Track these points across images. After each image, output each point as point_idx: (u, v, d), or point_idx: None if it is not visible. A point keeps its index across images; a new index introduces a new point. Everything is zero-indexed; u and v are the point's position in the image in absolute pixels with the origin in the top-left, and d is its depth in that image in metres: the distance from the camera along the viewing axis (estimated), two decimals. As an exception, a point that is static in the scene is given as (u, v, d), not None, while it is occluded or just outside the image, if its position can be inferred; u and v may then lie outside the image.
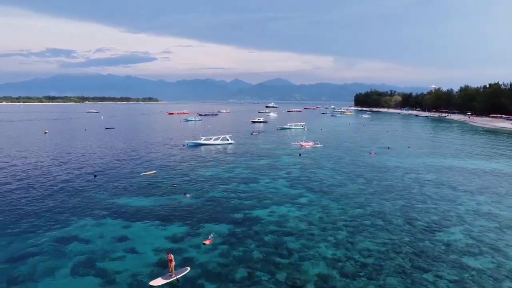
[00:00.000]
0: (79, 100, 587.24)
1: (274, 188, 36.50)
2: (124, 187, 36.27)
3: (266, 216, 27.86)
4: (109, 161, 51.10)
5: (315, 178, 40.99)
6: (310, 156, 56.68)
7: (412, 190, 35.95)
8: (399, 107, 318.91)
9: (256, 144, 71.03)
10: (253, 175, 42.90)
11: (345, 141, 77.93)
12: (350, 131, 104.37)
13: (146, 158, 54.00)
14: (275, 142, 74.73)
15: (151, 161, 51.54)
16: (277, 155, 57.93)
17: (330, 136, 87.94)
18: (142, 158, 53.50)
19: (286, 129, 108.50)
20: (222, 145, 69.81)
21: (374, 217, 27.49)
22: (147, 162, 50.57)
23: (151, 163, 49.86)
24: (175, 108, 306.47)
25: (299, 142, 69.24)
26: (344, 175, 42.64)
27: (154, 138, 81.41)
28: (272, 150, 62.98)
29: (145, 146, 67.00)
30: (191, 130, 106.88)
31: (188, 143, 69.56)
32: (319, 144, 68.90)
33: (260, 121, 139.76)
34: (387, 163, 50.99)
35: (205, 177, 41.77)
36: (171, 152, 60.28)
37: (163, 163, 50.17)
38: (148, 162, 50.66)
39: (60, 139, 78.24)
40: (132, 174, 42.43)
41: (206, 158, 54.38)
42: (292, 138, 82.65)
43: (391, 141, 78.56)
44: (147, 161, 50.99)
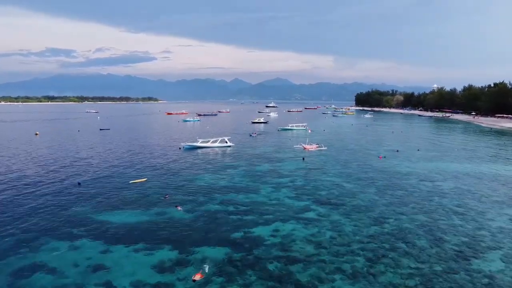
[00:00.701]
0: (79, 100, 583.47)
1: (277, 200, 32.69)
2: (109, 199, 32.45)
3: (269, 236, 24.09)
4: (98, 166, 47.27)
5: (321, 187, 37.18)
6: (314, 161, 52.87)
7: (431, 201, 32.12)
8: (401, 107, 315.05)
9: (257, 147, 67.23)
10: (254, 183, 39.11)
11: (350, 143, 74.12)
12: (354, 132, 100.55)
13: (139, 162, 50.20)
14: (277, 145, 70.94)
15: (144, 166, 47.75)
16: (279, 159, 54.14)
17: (333, 138, 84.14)
18: (134, 163, 49.69)
19: (288, 130, 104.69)
20: (220, 148, 66.01)
21: (393, 238, 23.69)
22: (139, 167, 46.77)
23: (143, 168, 46.07)
24: (175, 108, 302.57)
25: (302, 145, 65.45)
26: (353, 183, 38.83)
27: (149, 140, 77.63)
28: (273, 154, 59.20)
29: (139, 149, 63.23)
30: (189, 131, 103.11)
31: (185, 146, 65.76)
32: (323, 147, 65.11)
33: (260, 121, 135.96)
34: (398, 168, 47.18)
35: (201, 185, 37.98)
36: (166, 156, 56.50)
37: (156, 168, 46.36)
38: (140, 167, 46.87)
39: (50, 141, 74.42)
40: (120, 182, 38.63)
41: (202, 163, 50.57)
42: (294, 140, 78.80)
43: (398, 143, 74.78)
44: (139, 166, 47.19)
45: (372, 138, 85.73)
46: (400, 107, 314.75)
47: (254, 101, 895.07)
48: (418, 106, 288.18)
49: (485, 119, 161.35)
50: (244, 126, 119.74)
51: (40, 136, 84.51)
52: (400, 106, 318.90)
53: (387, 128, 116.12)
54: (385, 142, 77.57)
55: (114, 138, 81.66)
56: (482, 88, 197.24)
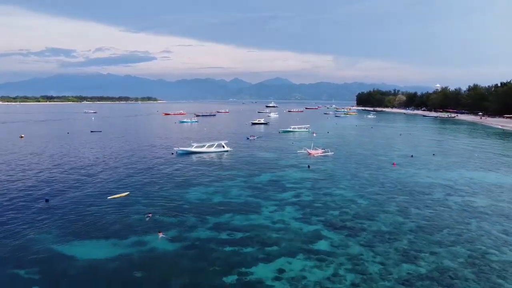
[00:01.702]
0: (77, 100, 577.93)
1: (281, 222, 27.10)
2: (78, 221, 26.86)
3: (272, 280, 18.53)
4: (76, 176, 41.66)
5: (333, 204, 31.59)
6: (321, 169, 47.27)
7: (469, 225, 26.52)
8: (403, 107, 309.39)
9: (256, 152, 61.64)
10: (253, 198, 33.53)
11: (357, 147, 68.52)
12: (360, 135, 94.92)
13: (124, 171, 44.60)
14: (278, 149, 65.34)
15: (129, 175, 42.16)
16: (281, 167, 48.54)
17: (339, 141, 78.52)
18: (118, 172, 44.09)
19: (289, 132, 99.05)
20: (217, 153, 60.46)
21: (436, 284, 18.10)
22: (124, 177, 41.18)
23: (127, 178, 40.48)
24: (174, 107, 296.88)
25: (307, 150, 59.87)
26: (368, 198, 33.24)
27: (141, 144, 72.04)
28: (275, 160, 53.61)
29: (128, 155, 57.66)
30: (186, 133, 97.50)
31: (178, 151, 60.17)
32: (330, 152, 59.54)
33: (260, 122, 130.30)
34: (416, 179, 41.61)
35: (192, 201, 32.40)
36: (156, 163, 50.92)
37: (142, 178, 40.78)
38: (125, 176, 41.28)
39: (33, 145, 68.80)
40: (97, 197, 33.05)
41: (195, 172, 44.98)
42: (297, 143, 73.25)
43: (409, 147, 69.24)
44: (123, 176, 41.60)
45: (380, 141, 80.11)
46: (402, 107, 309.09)
47: (253, 101, 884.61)
48: (421, 106, 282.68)
49: (493, 120, 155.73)
50: (243, 128, 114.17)
51: (25, 139, 78.95)
52: (402, 106, 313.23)
53: (394, 130, 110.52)
54: (394, 145, 71.97)
55: (104, 141, 76.06)
56: (488, 88, 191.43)
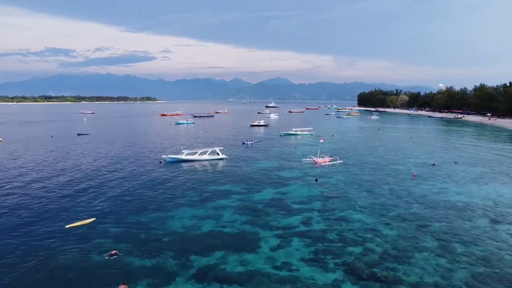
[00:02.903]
0: (75, 100, 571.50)
1: (287, 268, 20.24)
2: (11, 267, 19.96)
3: None
4: (37, 194, 34.73)
5: (351, 236, 24.75)
6: (330, 182, 40.41)
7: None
8: (406, 107, 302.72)
9: (256, 161, 54.75)
10: (250, 226, 26.70)
11: (367, 154, 61.66)
12: (367, 138, 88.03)
13: (97, 186, 37.71)
14: (280, 156, 58.45)
15: (102, 192, 35.28)
16: (284, 180, 41.68)
17: (346, 146, 71.64)
18: (90, 187, 37.20)
19: (291, 135, 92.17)
20: (211, 161, 53.61)
21: None
22: (95, 194, 34.29)
23: (99, 196, 33.60)
24: (172, 108, 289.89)
25: (313, 158, 53.05)
26: (396, 228, 26.37)
27: (128, 149, 65.17)
28: (277, 171, 46.72)
29: (109, 163, 50.79)
30: (180, 136, 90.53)
31: (166, 159, 53.26)
32: (338, 160, 52.69)
33: (260, 124, 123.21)
34: (446, 196, 34.76)
35: (173, 231, 25.59)
36: (139, 174, 44.06)
37: (117, 196, 33.91)
38: (97, 194, 34.40)
39: (8, 151, 61.88)
40: (51, 225, 26.22)
41: (183, 187, 38.09)
42: (301, 149, 66.44)
43: (425, 153, 62.45)
44: (95, 193, 34.72)
45: (391, 145, 73.25)
46: (405, 108, 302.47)
47: (252, 101, 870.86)
48: (424, 106, 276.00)
49: (504, 121, 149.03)
50: (242, 130, 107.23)
51: (2, 143, 72.03)
52: (405, 106, 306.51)
53: (402, 133, 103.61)
54: (408, 151, 65.11)
55: (88, 146, 69.17)
56: (497, 88, 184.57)
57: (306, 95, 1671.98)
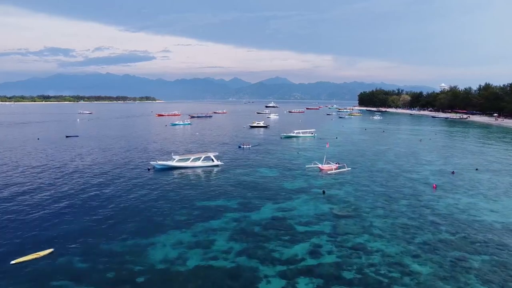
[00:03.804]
0: (74, 100, 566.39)
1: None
2: None
3: None
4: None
5: (373, 275, 19.59)
6: (340, 196, 35.25)
7: None
8: (408, 107, 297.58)
9: (255, 168, 49.58)
10: (247, 258, 21.55)
11: (376, 159, 56.53)
12: (373, 141, 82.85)
13: (70, 200, 32.53)
14: (281, 163, 53.28)
15: (73, 209, 30.14)
16: (287, 192, 36.53)
17: (352, 150, 66.50)
18: (60, 202, 31.99)
19: (292, 137, 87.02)
20: (204, 168, 48.48)
21: None
22: (62, 213, 29.14)
23: (65, 218, 28.42)
24: (171, 107, 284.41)
25: (318, 165, 47.94)
26: (427, 261, 21.21)
27: (116, 154, 60.03)
28: (278, 181, 41.56)
29: (91, 171, 45.61)
30: (174, 138, 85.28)
31: (155, 165, 48.11)
32: (346, 168, 47.53)
33: (259, 125, 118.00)
34: (478, 215, 29.63)
35: (150, 267, 20.42)
36: (122, 185, 38.91)
37: (88, 215, 28.75)
38: (64, 213, 29.24)
39: (-16, 156, 56.72)
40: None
41: (170, 202, 32.91)
42: (304, 154, 61.32)
43: (439, 157, 57.35)
44: (63, 212, 29.56)
45: (401, 149, 68.10)
46: (407, 107, 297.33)
47: (250, 101, 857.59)
48: (427, 106, 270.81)
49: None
50: (240, 132, 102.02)
51: (-18, 147, 66.86)
52: (407, 106, 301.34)
53: (409, 134, 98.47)
54: (420, 156, 59.97)
55: (74, 150, 63.99)
56: (503, 87, 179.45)
57: (305, 94, 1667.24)
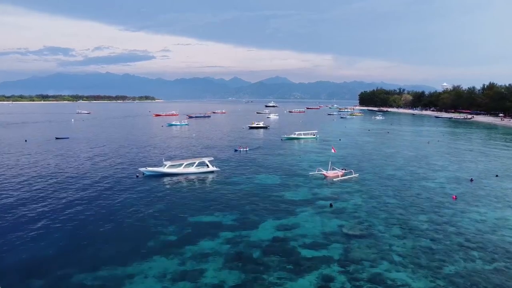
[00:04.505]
0: (73, 99, 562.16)
1: None
2: None
3: None
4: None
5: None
6: (349, 209, 31.16)
7: None
8: (410, 106, 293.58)
9: (253, 174, 45.50)
10: (242, 297, 17.52)
11: (384, 164, 52.47)
12: (379, 143, 78.73)
13: (42, 216, 28.47)
14: (282, 168, 49.20)
15: (43, 229, 26.10)
16: (289, 205, 32.45)
17: (357, 154, 62.43)
18: (29, 218, 27.92)
19: (294, 139, 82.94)
20: (198, 174, 44.43)
21: None
22: (30, 233, 25.10)
23: (32, 239, 24.40)
24: (170, 107, 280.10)
25: (323, 171, 43.91)
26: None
27: (105, 158, 55.99)
28: (279, 190, 37.49)
29: (74, 178, 41.53)
30: (170, 140, 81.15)
31: (145, 172, 44.04)
32: (353, 174, 43.49)
33: (259, 126, 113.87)
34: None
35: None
36: (107, 194, 34.87)
37: (60, 236, 24.73)
38: (33, 233, 25.20)
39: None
40: None
41: (156, 218, 28.82)
42: (306, 157, 57.30)
43: (452, 162, 53.33)
44: (32, 231, 25.52)
45: (409, 152, 64.03)
46: (409, 107, 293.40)
47: (250, 100, 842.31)
48: (429, 106, 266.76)
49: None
50: (239, 133, 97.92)
51: (-37, 150, 62.81)
52: (408, 106, 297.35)
53: (415, 135, 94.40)
54: (431, 160, 55.90)
55: (61, 153, 59.91)
56: (509, 87, 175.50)
57: (305, 94, 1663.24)
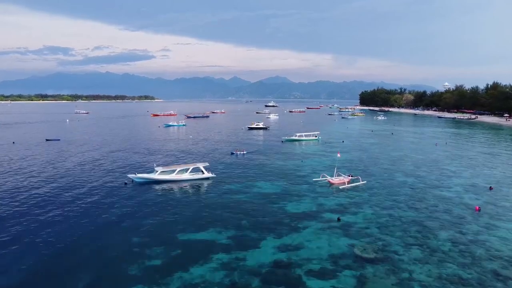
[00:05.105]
0: (72, 99, 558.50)
1: None
2: None
3: None
4: None
5: None
6: (359, 224, 27.54)
7: None
8: (411, 106, 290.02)
9: (251, 180, 41.89)
10: None
11: (394, 170, 48.85)
12: (384, 145, 75.03)
13: (17, 229, 24.89)
14: (283, 174, 45.57)
15: (13, 252, 22.53)
16: (292, 219, 28.82)
17: (364, 158, 58.81)
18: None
19: (295, 141, 79.32)
20: (192, 181, 40.83)
21: None
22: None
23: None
24: (169, 107, 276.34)
25: (327, 178, 40.33)
26: None
27: (95, 162, 52.39)
28: (280, 200, 33.87)
29: (61, 184, 37.93)
30: (165, 142, 77.47)
31: (134, 179, 40.42)
32: (361, 181, 39.90)
33: (258, 127, 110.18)
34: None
35: None
36: (90, 205, 31.26)
37: (31, 255, 21.13)
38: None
39: None
40: None
41: (142, 236, 25.18)
42: (308, 161, 53.69)
43: (466, 167, 49.74)
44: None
45: (417, 156, 60.41)
46: (410, 107, 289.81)
47: (249, 100, 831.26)
48: (431, 106, 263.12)
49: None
50: (238, 134, 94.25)
51: None
52: (410, 105, 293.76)
53: (421, 137, 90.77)
54: (443, 165, 52.25)
55: (48, 157, 56.31)
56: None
57: (305, 94, 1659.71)
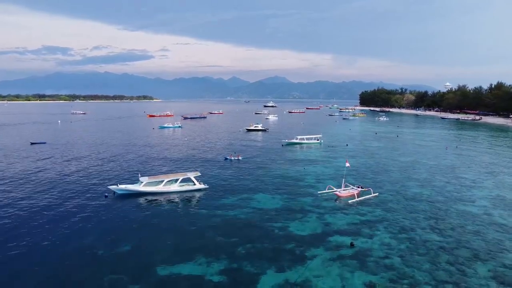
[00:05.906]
0: (70, 99, 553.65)
1: None
2: None
3: None
4: None
5: None
6: (375, 251, 22.98)
7: None
8: (412, 106, 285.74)
9: (248, 192, 37.30)
10: None
11: (407, 178, 44.30)
12: (391, 149, 70.39)
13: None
14: (284, 184, 40.98)
15: None
16: (295, 243, 24.27)
17: (371, 164, 54.21)
18: None
19: (295, 144, 74.76)
20: (181, 194, 36.25)
21: None
22: None
23: None
24: (168, 107, 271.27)
25: (334, 189, 35.81)
26: None
27: (78, 169, 47.78)
28: (280, 218, 29.29)
29: (35, 195, 33.29)
30: (158, 146, 72.72)
31: (115, 190, 35.75)
32: (372, 194, 35.38)
33: (257, 129, 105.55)
34: None
35: None
36: (61, 223, 26.70)
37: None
38: None
39: None
40: None
41: (117, 263, 20.57)
42: (311, 168, 49.12)
43: (485, 174, 45.30)
44: None
45: (429, 162, 55.87)
46: (411, 107, 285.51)
47: (247, 100, 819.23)
48: (433, 106, 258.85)
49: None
50: (235, 137, 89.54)
51: None
52: (411, 106, 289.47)
53: (428, 139, 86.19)
54: (459, 173, 47.67)
55: (29, 163, 51.65)
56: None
57: (304, 94, 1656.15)
